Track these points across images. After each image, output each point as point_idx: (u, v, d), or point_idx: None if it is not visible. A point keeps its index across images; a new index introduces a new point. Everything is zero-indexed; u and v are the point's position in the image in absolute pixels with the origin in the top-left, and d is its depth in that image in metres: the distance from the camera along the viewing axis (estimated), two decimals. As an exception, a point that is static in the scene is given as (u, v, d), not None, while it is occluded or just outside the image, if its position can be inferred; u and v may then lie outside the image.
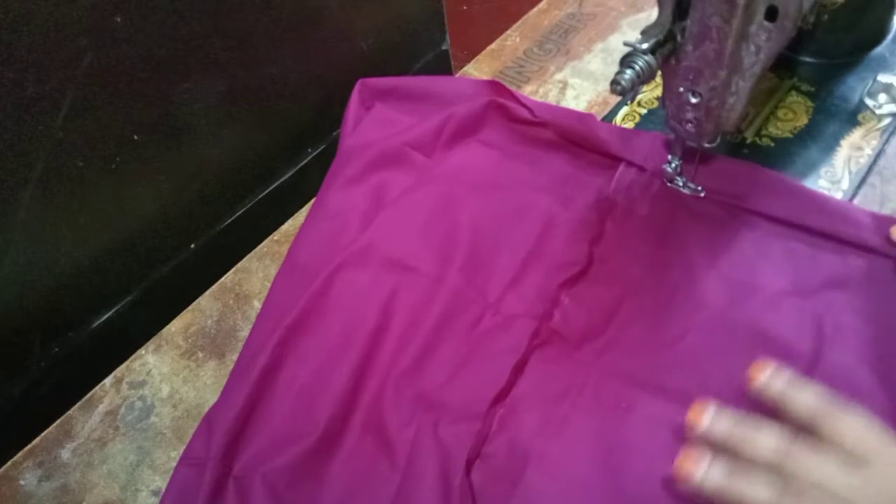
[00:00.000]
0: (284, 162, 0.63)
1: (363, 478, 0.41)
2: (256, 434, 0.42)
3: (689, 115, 0.44)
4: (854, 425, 0.33)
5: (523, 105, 0.56)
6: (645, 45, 0.40)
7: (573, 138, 0.54)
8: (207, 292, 0.53)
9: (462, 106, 0.57)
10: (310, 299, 0.46)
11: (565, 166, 0.54)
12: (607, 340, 0.45)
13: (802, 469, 0.32)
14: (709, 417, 0.36)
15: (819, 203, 0.47)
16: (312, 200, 0.55)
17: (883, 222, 0.45)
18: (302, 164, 0.64)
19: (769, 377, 0.36)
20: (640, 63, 0.39)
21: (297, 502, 0.40)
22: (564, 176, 0.53)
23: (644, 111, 0.58)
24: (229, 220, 0.60)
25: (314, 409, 0.42)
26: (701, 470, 0.34)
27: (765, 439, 0.34)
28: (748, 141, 0.53)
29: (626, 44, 0.40)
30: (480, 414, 0.41)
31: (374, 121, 0.59)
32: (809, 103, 0.55)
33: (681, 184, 0.50)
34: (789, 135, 0.53)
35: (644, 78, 0.40)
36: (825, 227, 0.46)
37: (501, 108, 0.57)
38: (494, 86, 0.57)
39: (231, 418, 0.42)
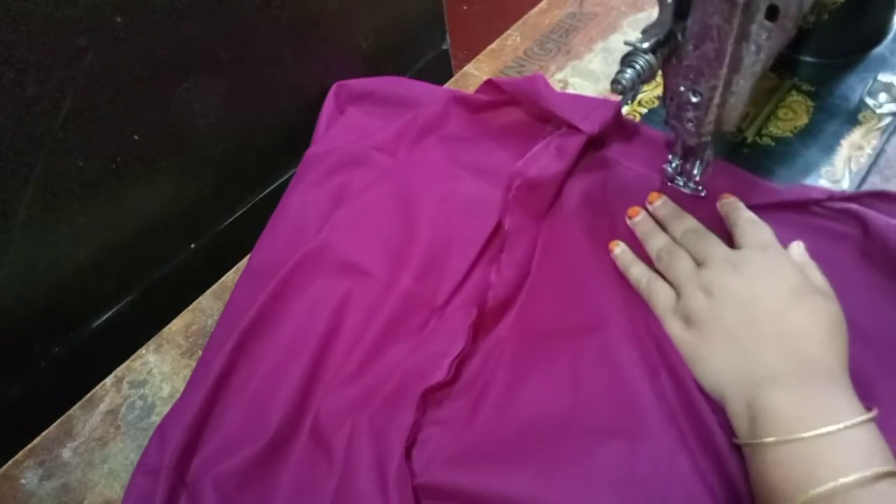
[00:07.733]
0: (284, 162, 0.63)
1: (308, 479, 0.41)
2: (209, 439, 0.42)
3: (690, 115, 0.44)
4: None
5: (490, 86, 0.57)
6: (646, 45, 0.40)
7: (525, 100, 0.56)
8: (208, 292, 0.53)
9: (427, 107, 0.57)
10: (264, 303, 0.46)
11: (523, 153, 0.54)
12: (519, 307, 0.46)
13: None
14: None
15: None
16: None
17: None
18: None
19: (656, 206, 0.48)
20: (641, 62, 0.40)
21: None
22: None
23: (644, 110, 0.58)
24: (229, 220, 0.60)
25: (265, 413, 0.42)
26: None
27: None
28: (749, 140, 0.53)
29: (626, 43, 0.40)
30: (412, 402, 0.41)
31: (343, 126, 0.59)
32: (810, 103, 0.55)
33: (681, 183, 0.50)
34: (790, 134, 0.53)
35: (645, 77, 0.40)
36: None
37: (463, 100, 0.57)
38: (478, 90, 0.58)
39: (185, 425, 0.42)
